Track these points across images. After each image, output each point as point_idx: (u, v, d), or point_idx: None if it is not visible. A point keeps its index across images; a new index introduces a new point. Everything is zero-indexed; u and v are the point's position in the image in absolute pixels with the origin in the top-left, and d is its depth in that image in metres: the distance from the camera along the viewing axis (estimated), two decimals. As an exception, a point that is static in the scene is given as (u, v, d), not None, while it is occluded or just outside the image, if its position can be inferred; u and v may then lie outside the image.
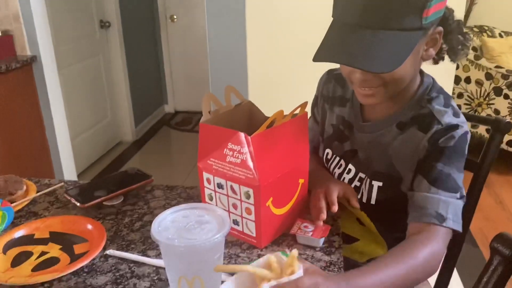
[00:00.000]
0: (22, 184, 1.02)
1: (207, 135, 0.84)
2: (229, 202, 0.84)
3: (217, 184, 0.84)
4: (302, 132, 0.87)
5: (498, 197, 2.84)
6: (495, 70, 3.11)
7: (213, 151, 0.83)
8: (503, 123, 0.99)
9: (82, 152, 3.21)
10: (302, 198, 0.91)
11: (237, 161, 0.79)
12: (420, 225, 0.80)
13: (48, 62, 2.59)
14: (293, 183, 0.87)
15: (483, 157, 1.02)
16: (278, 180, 0.81)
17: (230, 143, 0.80)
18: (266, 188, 0.79)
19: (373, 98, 0.85)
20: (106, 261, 0.80)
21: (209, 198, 0.88)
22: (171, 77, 4.62)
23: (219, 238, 0.61)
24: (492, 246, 0.58)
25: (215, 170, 0.83)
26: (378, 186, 0.92)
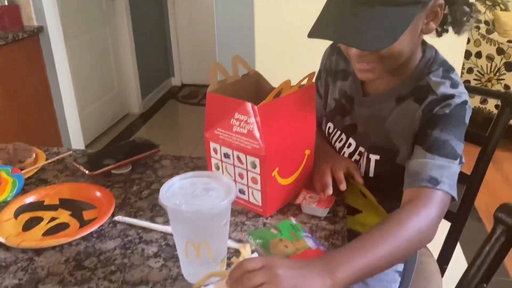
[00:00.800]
0: (31, 152, 1.04)
1: (214, 105, 0.84)
2: (235, 172, 0.85)
3: (224, 154, 0.85)
4: (309, 102, 0.86)
5: (504, 174, 2.83)
6: (507, 45, 3.05)
7: (220, 121, 0.84)
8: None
9: (90, 124, 3.23)
10: (308, 169, 0.91)
11: (244, 131, 0.80)
12: (413, 190, 0.78)
13: (55, 33, 2.58)
14: (299, 154, 0.88)
15: (492, 131, 1.01)
16: (284, 150, 0.82)
17: (237, 113, 0.80)
18: (272, 158, 0.79)
19: (370, 74, 0.83)
20: (114, 227, 0.82)
21: (215, 167, 0.88)
22: (177, 49, 4.58)
23: (225, 204, 0.62)
24: (496, 216, 0.59)
25: (221, 140, 0.84)
26: (375, 160, 0.92)
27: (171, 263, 0.73)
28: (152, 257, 0.74)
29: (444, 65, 0.88)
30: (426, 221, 0.72)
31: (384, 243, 0.67)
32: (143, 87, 3.95)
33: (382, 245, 0.67)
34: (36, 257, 0.75)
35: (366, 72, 0.83)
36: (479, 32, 3.21)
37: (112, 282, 0.69)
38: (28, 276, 0.71)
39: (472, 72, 3.31)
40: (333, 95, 1.02)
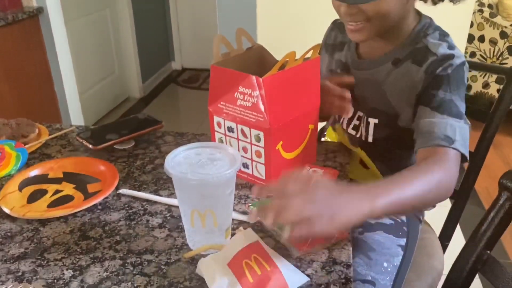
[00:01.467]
0: (34, 127, 1.04)
1: (218, 78, 0.84)
2: (239, 146, 0.85)
3: (228, 128, 0.85)
4: (314, 76, 0.86)
5: (505, 159, 2.83)
6: (510, 29, 3.03)
7: (224, 94, 0.83)
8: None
9: (90, 107, 3.21)
10: (311, 143, 0.91)
11: (248, 104, 0.79)
12: (428, 150, 0.78)
13: (55, 14, 2.56)
14: (303, 128, 0.87)
15: (496, 108, 1.01)
16: (289, 124, 0.82)
17: (241, 87, 0.80)
18: (277, 131, 0.79)
19: (359, 34, 0.84)
20: (119, 200, 0.82)
21: (219, 141, 0.88)
22: (178, 33, 4.55)
23: (230, 173, 0.62)
24: (501, 182, 0.59)
25: (225, 114, 0.84)
26: (374, 123, 0.92)
27: (176, 233, 0.73)
28: (157, 228, 0.75)
29: (439, 29, 0.89)
30: (448, 175, 0.72)
31: (417, 183, 0.68)
32: (143, 71, 3.93)
33: (416, 184, 0.68)
34: (41, 227, 0.75)
35: (356, 32, 0.84)
36: (483, 15, 3.19)
37: (117, 251, 0.69)
38: (34, 245, 0.71)
39: (475, 56, 3.29)
40: (330, 66, 1.03)
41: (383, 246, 0.90)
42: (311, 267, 0.66)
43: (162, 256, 0.68)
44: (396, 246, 0.92)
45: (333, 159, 0.96)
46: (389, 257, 0.89)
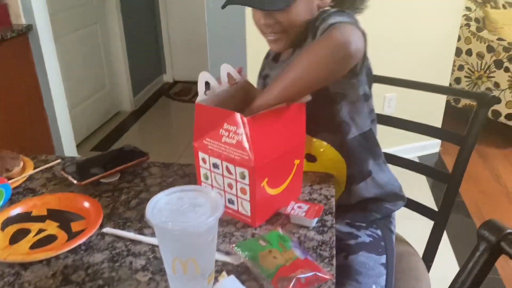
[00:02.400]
0: (19, 160, 1.03)
1: (202, 115, 0.84)
2: (224, 182, 0.85)
3: (213, 164, 0.85)
4: (299, 116, 0.87)
5: (494, 171, 2.86)
6: (497, 43, 3.07)
7: (208, 131, 0.83)
8: (488, 97, 0.99)
9: (81, 122, 3.21)
10: (297, 178, 0.91)
11: (233, 141, 0.80)
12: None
13: (44, 31, 2.56)
14: (288, 164, 0.88)
15: (469, 131, 1.03)
16: (273, 161, 0.82)
17: (226, 124, 0.80)
18: (261, 169, 0.79)
19: (278, 43, 0.97)
20: (102, 239, 0.82)
21: (204, 177, 0.88)
22: (169, 46, 4.56)
23: (211, 221, 0.62)
24: (479, 233, 0.60)
25: (210, 150, 0.84)
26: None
27: (158, 277, 0.73)
28: (140, 271, 0.74)
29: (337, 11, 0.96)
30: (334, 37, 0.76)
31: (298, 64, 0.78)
32: (134, 84, 3.93)
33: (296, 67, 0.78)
34: (23, 271, 0.74)
35: (275, 42, 0.97)
36: (470, 29, 3.23)
37: (99, 297, 0.69)
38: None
39: (463, 70, 3.32)
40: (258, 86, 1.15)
41: (368, 267, 0.93)
42: (293, 313, 0.66)
43: (145, 302, 0.68)
44: (379, 266, 0.95)
45: (319, 192, 0.96)
46: (376, 278, 0.92)
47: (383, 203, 1.05)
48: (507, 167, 2.92)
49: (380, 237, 1.02)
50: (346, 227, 1.03)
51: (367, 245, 0.98)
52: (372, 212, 1.05)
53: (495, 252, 0.57)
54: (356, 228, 1.03)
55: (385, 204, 1.05)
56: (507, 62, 3.02)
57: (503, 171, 2.87)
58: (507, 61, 3.02)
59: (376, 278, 0.95)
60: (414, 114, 1.70)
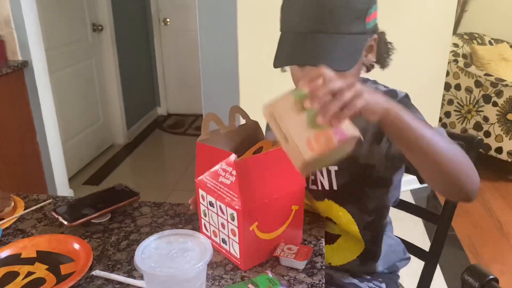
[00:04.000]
0: (10, 200, 1.03)
1: (203, 154, 0.86)
2: (218, 221, 0.85)
3: (209, 202, 0.86)
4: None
5: (486, 204, 2.87)
6: (484, 78, 3.14)
7: (209, 169, 0.85)
8: (476, 140, 1.01)
9: (74, 155, 3.21)
10: (296, 224, 0.91)
11: (228, 182, 0.81)
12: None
13: (40, 67, 2.59)
14: (284, 209, 0.87)
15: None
16: (265, 205, 0.82)
17: (224, 164, 0.82)
18: (249, 213, 0.80)
19: None
20: (92, 282, 0.82)
21: (203, 214, 0.89)
22: (163, 79, 4.62)
23: (200, 267, 0.63)
24: (462, 278, 0.60)
25: (208, 188, 0.85)
26: (334, 171, 0.95)
27: (147, 322, 0.72)
28: (129, 315, 0.74)
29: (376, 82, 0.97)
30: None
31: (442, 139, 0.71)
32: (128, 117, 3.96)
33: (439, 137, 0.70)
34: (10, 316, 0.74)
35: None
36: (458, 65, 3.31)
37: None
38: (1, 338, 0.70)
39: (452, 104, 3.39)
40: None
41: None
42: None
43: None
44: None
45: (309, 232, 0.97)
46: None
47: (391, 260, 1.06)
48: (498, 201, 2.93)
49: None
50: (349, 278, 1.03)
51: None
52: (378, 267, 1.04)
53: (479, 298, 0.58)
54: (360, 280, 1.02)
55: (392, 260, 1.06)
56: (495, 96, 3.08)
57: (495, 204, 2.89)
58: (495, 95, 3.08)
59: None
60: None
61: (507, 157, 3.10)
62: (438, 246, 1.09)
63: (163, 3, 4.31)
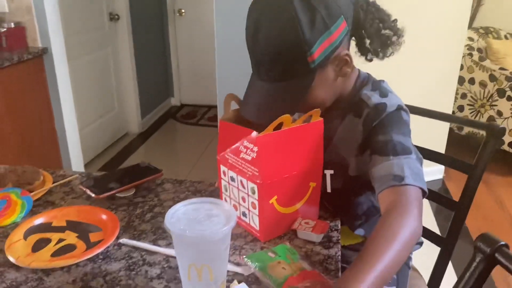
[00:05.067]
0: (39, 174, 1.08)
1: (225, 132, 0.90)
2: (239, 195, 0.89)
3: (230, 177, 0.90)
4: (317, 137, 0.89)
5: (498, 198, 2.88)
6: (499, 72, 3.14)
7: (230, 146, 0.89)
8: (497, 128, 1.03)
9: (89, 143, 3.27)
10: (312, 201, 0.94)
11: (248, 158, 0.85)
12: (384, 193, 0.80)
13: (59, 54, 2.65)
14: (303, 185, 0.91)
15: (478, 160, 1.06)
16: (284, 180, 0.86)
17: (246, 141, 0.85)
18: (269, 186, 0.84)
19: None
20: (119, 249, 0.86)
21: (224, 188, 0.94)
22: (177, 70, 4.67)
23: (226, 230, 0.67)
24: (475, 245, 0.63)
25: (229, 164, 0.89)
26: (330, 174, 0.98)
27: (173, 285, 0.77)
28: (155, 279, 0.78)
29: (374, 80, 0.98)
30: (413, 220, 0.73)
31: (387, 252, 0.69)
32: (143, 106, 4.02)
33: (386, 255, 0.69)
34: (45, 277, 0.78)
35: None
36: (472, 59, 3.31)
37: (117, 302, 0.73)
38: (38, 295, 0.74)
39: (466, 98, 3.39)
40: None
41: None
42: (301, 320, 0.70)
43: (160, 307, 0.72)
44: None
45: (326, 209, 1.00)
46: None
47: None
48: (510, 195, 2.94)
49: None
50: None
51: None
52: None
53: (490, 263, 0.61)
54: None
55: None
56: (510, 91, 3.08)
57: (507, 198, 2.89)
58: (510, 90, 3.08)
59: None
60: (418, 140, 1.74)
61: (520, 152, 3.10)
62: (455, 233, 1.11)
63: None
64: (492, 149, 1.05)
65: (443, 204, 1.14)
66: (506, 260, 0.58)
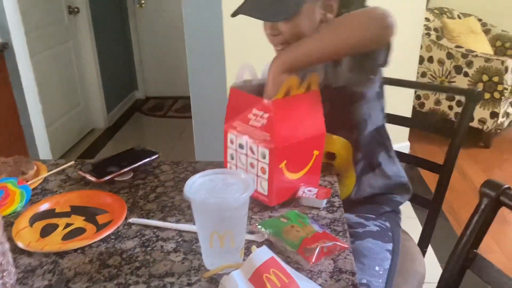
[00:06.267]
0: (32, 164, 1.06)
1: (235, 99, 0.93)
2: (247, 161, 0.92)
3: (239, 145, 0.92)
4: (316, 106, 0.94)
5: (461, 169, 3.04)
6: (455, 50, 3.29)
7: (238, 114, 0.91)
8: (476, 92, 1.11)
9: (56, 140, 3.18)
10: (315, 168, 0.98)
11: (258, 124, 0.88)
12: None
13: (20, 49, 2.56)
14: (307, 152, 0.95)
15: (459, 124, 1.14)
16: (293, 145, 0.90)
17: (255, 109, 0.88)
18: (280, 151, 0.87)
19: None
20: (130, 228, 0.87)
21: (230, 157, 0.96)
22: (140, 63, 4.59)
23: (246, 196, 0.69)
24: (481, 191, 0.69)
25: (238, 131, 0.91)
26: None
27: (191, 256, 0.79)
28: (172, 252, 0.80)
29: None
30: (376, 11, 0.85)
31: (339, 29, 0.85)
32: (108, 101, 3.93)
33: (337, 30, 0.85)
34: (60, 259, 0.78)
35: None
36: (430, 38, 3.45)
37: (139, 276, 0.74)
38: (57, 277, 0.74)
39: (426, 76, 3.53)
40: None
41: (373, 251, 0.99)
42: (320, 277, 0.73)
43: (183, 277, 0.74)
44: (384, 251, 1.01)
45: (322, 179, 1.04)
46: (380, 261, 0.99)
47: (392, 196, 1.14)
48: (472, 165, 3.11)
49: (388, 228, 1.10)
50: (356, 218, 1.11)
51: (374, 233, 1.06)
52: (381, 205, 1.13)
53: (495, 206, 0.67)
54: (366, 219, 1.10)
55: (394, 197, 1.14)
56: (466, 67, 3.24)
57: (469, 169, 3.06)
58: (466, 66, 3.24)
59: (381, 261, 1.01)
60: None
61: (478, 125, 3.28)
62: (441, 194, 1.18)
63: (137, -15, 4.27)
64: (472, 111, 1.12)
65: (429, 169, 1.21)
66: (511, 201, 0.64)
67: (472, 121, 3.27)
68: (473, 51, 3.22)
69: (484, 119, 3.23)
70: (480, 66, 3.16)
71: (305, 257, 0.75)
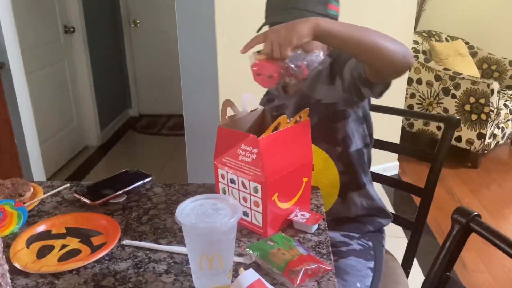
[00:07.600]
0: (29, 186, 1.10)
1: (223, 137, 0.96)
2: (240, 196, 0.96)
3: (230, 180, 0.96)
4: (306, 135, 0.98)
5: (449, 189, 3.10)
6: (443, 72, 3.38)
7: (228, 150, 0.95)
8: (454, 120, 1.17)
9: (50, 158, 3.21)
10: (305, 194, 1.02)
11: (248, 160, 0.91)
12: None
13: (16, 68, 2.60)
14: (297, 181, 0.99)
15: (439, 149, 1.20)
16: (283, 177, 0.93)
17: (243, 144, 0.92)
18: (272, 184, 0.91)
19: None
20: (123, 250, 0.90)
21: (223, 191, 0.99)
22: (134, 81, 4.65)
23: (234, 221, 0.73)
24: (452, 217, 0.74)
25: (228, 167, 0.95)
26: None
27: (182, 278, 0.82)
28: (164, 274, 0.83)
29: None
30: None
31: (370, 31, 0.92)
32: (101, 119, 3.97)
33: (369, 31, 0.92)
34: (56, 280, 0.82)
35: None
36: (418, 61, 3.54)
37: (132, 297, 0.77)
38: (52, 297, 0.78)
39: (414, 97, 3.61)
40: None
41: (355, 269, 1.04)
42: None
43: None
44: (366, 269, 1.06)
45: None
46: (361, 278, 1.04)
47: (375, 217, 1.19)
48: (460, 185, 3.17)
49: (370, 247, 1.15)
50: (341, 237, 1.16)
51: (357, 252, 1.11)
52: (366, 224, 1.18)
53: (466, 232, 0.72)
54: (350, 238, 1.15)
55: (377, 218, 1.20)
56: (453, 89, 3.33)
57: (457, 188, 3.12)
58: (453, 88, 3.33)
59: (362, 278, 1.07)
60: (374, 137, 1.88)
61: (466, 145, 3.35)
62: (423, 216, 1.23)
63: (133, 5, 4.35)
64: (450, 138, 1.18)
65: (411, 191, 1.26)
66: (480, 228, 0.68)
67: (460, 142, 3.35)
68: (460, 73, 3.31)
69: (472, 140, 3.30)
70: (467, 88, 3.24)
71: (290, 279, 0.79)
